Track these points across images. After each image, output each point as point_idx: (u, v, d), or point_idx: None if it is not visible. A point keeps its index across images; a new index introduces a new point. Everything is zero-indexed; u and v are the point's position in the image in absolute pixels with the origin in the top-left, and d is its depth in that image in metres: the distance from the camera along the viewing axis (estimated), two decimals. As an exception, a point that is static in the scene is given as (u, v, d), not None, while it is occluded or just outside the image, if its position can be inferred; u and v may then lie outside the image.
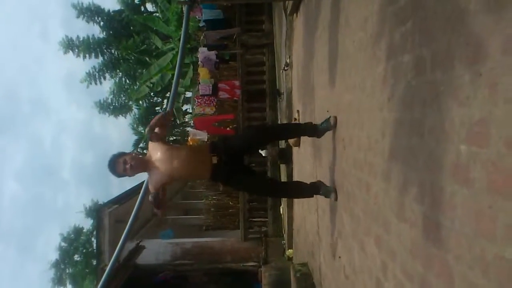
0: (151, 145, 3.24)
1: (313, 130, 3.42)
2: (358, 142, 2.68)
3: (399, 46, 1.93)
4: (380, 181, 2.20)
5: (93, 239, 21.70)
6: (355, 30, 2.76)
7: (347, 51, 3.02)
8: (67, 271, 23.55)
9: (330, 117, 3.30)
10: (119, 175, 3.21)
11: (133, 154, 3.29)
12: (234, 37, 11.04)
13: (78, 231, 24.37)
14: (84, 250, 23.75)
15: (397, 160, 1.95)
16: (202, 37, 10.98)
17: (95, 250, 12.44)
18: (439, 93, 1.51)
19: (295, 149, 6.70)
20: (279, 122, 9.87)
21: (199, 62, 11.27)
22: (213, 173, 3.25)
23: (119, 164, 3.16)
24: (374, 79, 2.31)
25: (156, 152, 3.19)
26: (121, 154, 3.24)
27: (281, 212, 9.40)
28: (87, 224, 24.76)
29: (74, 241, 23.97)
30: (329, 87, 3.66)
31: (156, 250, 9.68)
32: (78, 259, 23.74)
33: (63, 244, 23.90)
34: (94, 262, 14.68)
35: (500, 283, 1.15)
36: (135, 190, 11.55)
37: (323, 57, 4.03)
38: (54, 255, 24.12)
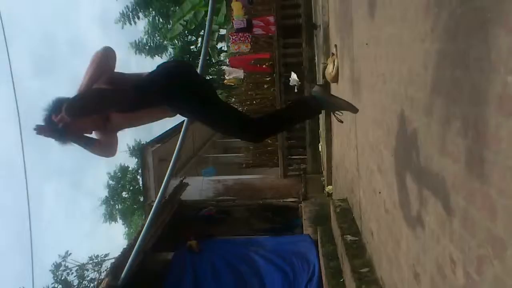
0: None
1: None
2: (399, 76, 2.60)
3: (444, -29, 1.80)
4: (422, 116, 2.15)
5: (138, 177, 22.64)
6: (396, -44, 2.60)
7: (388, -21, 2.86)
8: (117, 207, 24.88)
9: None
10: None
11: None
12: (268, -31, 10.61)
13: (124, 169, 25.40)
14: (131, 188, 24.87)
15: (440, 94, 1.89)
16: (234, -29, 10.62)
17: (141, 188, 13.02)
18: (486, 21, 1.43)
19: (333, 85, 6.59)
20: (315, 56, 9.64)
21: (233, -3, 10.98)
22: None
23: None
24: (416, 8, 2.19)
25: None
26: None
27: (320, 150, 9.43)
28: (132, 163, 25.76)
29: (121, 179, 25.08)
30: (368, 19, 3.51)
31: (199, 187, 10.02)
32: (126, 196, 24.95)
33: (111, 182, 25.09)
34: (141, 199, 15.40)
35: (545, 216, 1.14)
36: (176, 129, 11.81)
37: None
38: (103, 193, 25.42)
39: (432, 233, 2.06)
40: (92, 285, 16.00)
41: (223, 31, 18.88)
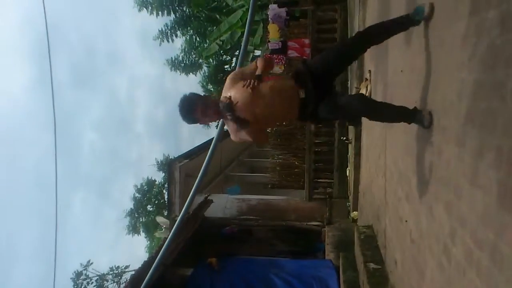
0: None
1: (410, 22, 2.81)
2: (431, 104, 2.57)
3: (484, 0, 1.80)
4: (453, 146, 2.12)
5: (164, 191, 22.82)
6: (435, -15, 2.60)
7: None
8: (141, 220, 25.10)
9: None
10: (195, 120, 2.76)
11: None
12: (306, -7, 10.75)
13: (150, 183, 25.67)
14: (156, 201, 25.06)
15: (474, 124, 1.86)
16: (272, -6, 10.80)
17: (166, 202, 13.13)
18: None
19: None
20: (348, 80, 9.63)
21: (269, 20, 11.14)
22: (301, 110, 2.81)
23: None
24: (453, 37, 2.18)
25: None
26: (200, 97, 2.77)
27: (347, 174, 9.33)
28: (158, 177, 26.04)
29: (147, 193, 25.33)
30: (404, 46, 3.50)
31: (223, 205, 10.03)
32: (151, 209, 25.15)
33: (137, 195, 25.38)
34: (165, 213, 15.53)
35: None
36: (204, 146, 11.92)
37: (399, 14, 3.84)
38: (128, 204, 25.70)
39: (458, 265, 2.01)
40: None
41: (258, 52, 19.12)
